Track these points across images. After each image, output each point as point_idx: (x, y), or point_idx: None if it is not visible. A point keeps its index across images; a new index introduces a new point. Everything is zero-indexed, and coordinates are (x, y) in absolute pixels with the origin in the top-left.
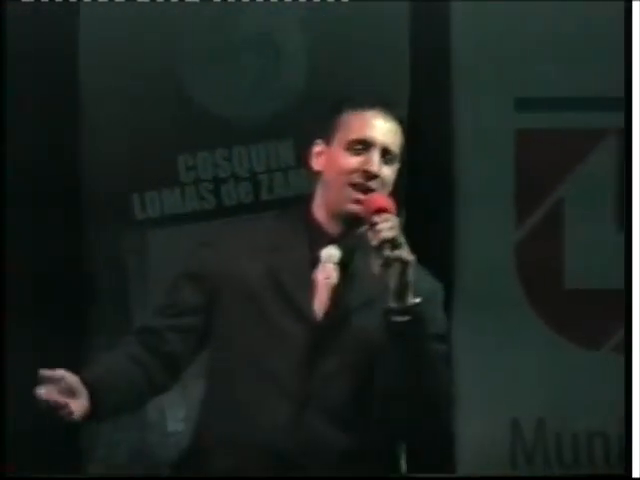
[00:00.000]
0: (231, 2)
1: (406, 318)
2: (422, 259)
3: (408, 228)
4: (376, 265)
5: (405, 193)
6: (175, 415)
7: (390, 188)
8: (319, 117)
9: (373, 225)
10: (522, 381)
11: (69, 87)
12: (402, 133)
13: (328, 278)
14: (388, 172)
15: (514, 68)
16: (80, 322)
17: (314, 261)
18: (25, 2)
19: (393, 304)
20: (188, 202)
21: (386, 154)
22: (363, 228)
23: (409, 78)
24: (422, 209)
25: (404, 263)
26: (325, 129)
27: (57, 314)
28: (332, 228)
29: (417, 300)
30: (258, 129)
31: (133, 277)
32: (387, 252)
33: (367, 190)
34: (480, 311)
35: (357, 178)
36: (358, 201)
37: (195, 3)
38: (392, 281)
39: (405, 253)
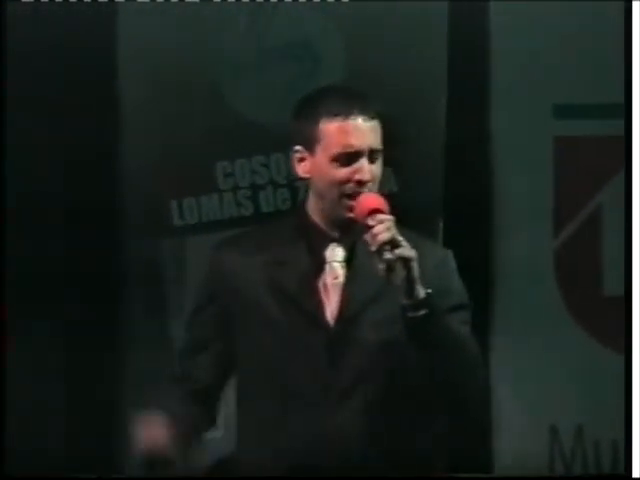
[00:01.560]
0: (267, 7)
1: (422, 312)
2: (461, 269)
3: (446, 237)
4: (380, 269)
5: (443, 202)
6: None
7: (378, 181)
8: (296, 126)
9: (368, 228)
10: (561, 388)
11: (108, 95)
12: (381, 124)
13: (337, 278)
14: (377, 170)
15: (552, 74)
16: (117, 330)
17: (318, 264)
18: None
19: (405, 301)
20: (226, 209)
21: (372, 154)
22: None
23: (447, 80)
24: (460, 218)
25: (407, 260)
26: (303, 136)
27: (93, 321)
28: (331, 230)
29: (429, 291)
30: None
31: (171, 284)
32: (388, 255)
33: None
34: (519, 319)
35: (350, 189)
36: (352, 208)
37: (231, 10)
38: (399, 280)
39: (406, 250)
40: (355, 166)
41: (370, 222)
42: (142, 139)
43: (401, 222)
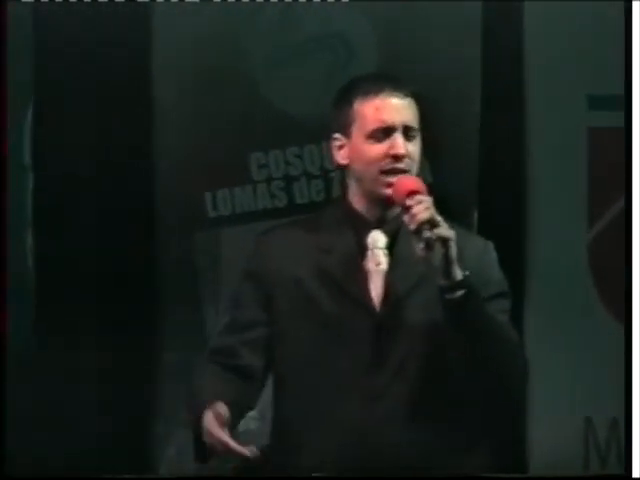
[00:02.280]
0: (299, 3)
1: (459, 293)
2: None
3: (481, 229)
4: (419, 248)
5: (478, 193)
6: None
7: (418, 164)
8: (334, 113)
9: (407, 209)
10: (595, 380)
11: (142, 87)
12: (417, 105)
13: (379, 264)
14: (413, 148)
15: (587, 65)
16: (151, 320)
17: (361, 250)
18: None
19: (443, 282)
20: (260, 200)
21: (408, 132)
22: (399, 209)
23: (481, 75)
24: (494, 210)
25: (445, 240)
26: (339, 122)
27: (127, 314)
28: (371, 215)
29: (466, 273)
30: (329, 127)
31: (205, 276)
32: (427, 234)
33: (399, 172)
34: (553, 311)
35: (387, 164)
36: (392, 185)
37: (265, 3)
38: (437, 260)
39: (444, 230)
40: (389, 141)
41: (409, 202)
42: (176, 132)
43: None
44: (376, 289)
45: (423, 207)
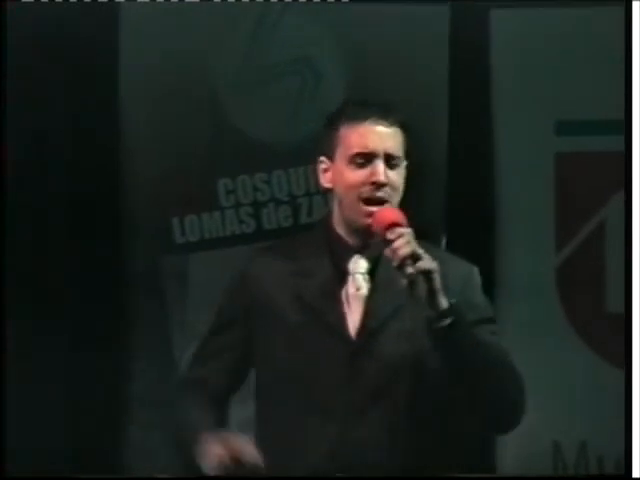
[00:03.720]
0: (267, 27)
1: (447, 322)
2: None
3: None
4: (403, 284)
5: (445, 217)
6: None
7: (401, 192)
8: (321, 136)
9: (388, 243)
10: (563, 404)
11: (109, 112)
12: (403, 134)
13: (360, 289)
14: (395, 177)
15: (554, 90)
16: (119, 346)
17: (341, 276)
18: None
19: (429, 312)
20: (228, 226)
21: (390, 160)
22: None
23: (448, 94)
24: (462, 233)
25: (428, 272)
26: (325, 145)
27: (96, 337)
28: (353, 240)
29: (452, 301)
30: (297, 153)
31: (172, 301)
32: (410, 269)
33: (378, 201)
34: (521, 333)
35: (366, 192)
36: (371, 214)
37: (232, 27)
38: (422, 292)
39: (427, 263)
40: (370, 168)
41: (390, 236)
42: (143, 157)
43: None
44: (353, 315)
45: (404, 241)
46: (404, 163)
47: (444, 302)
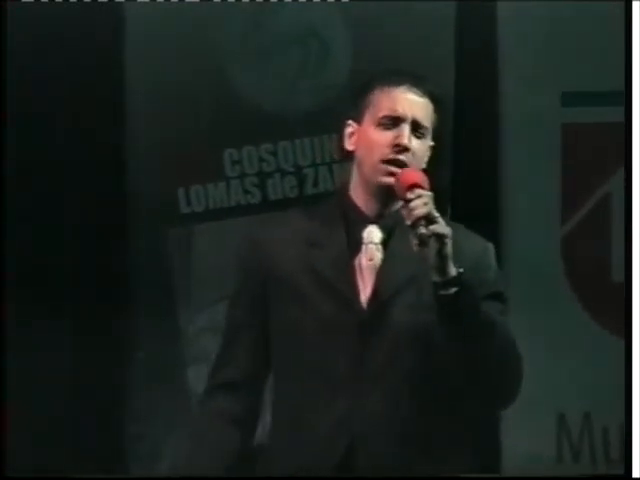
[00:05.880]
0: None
1: (453, 290)
2: None
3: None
4: (413, 243)
5: (451, 188)
6: None
7: (423, 163)
8: (352, 100)
9: (406, 202)
10: (568, 375)
11: (115, 83)
12: (435, 108)
13: (372, 260)
14: (420, 146)
15: (560, 62)
16: (124, 317)
17: (354, 245)
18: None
19: (437, 278)
20: (233, 196)
21: (417, 128)
22: (398, 205)
23: (454, 65)
24: (468, 204)
25: (441, 237)
26: (355, 109)
27: (100, 309)
28: (369, 209)
29: (460, 270)
30: (303, 124)
31: (177, 271)
32: (422, 230)
33: (400, 164)
34: (526, 305)
35: (389, 153)
36: (392, 174)
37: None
38: (432, 256)
39: (440, 227)
40: (397, 131)
41: (409, 196)
42: (149, 128)
43: None
44: (366, 286)
45: (421, 202)
46: (430, 137)
47: (452, 270)
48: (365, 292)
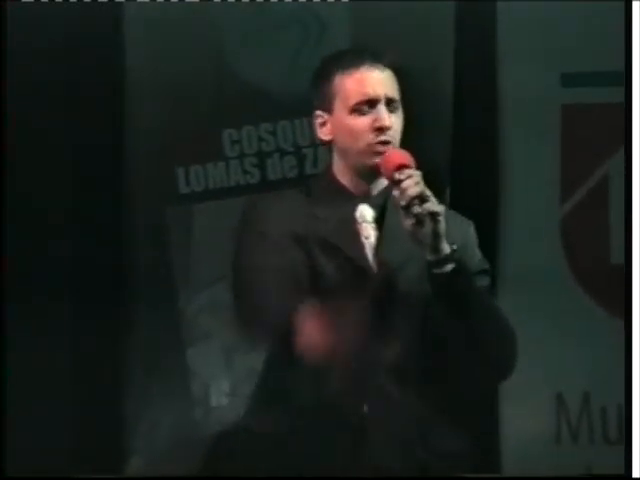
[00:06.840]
0: None
1: (448, 267)
2: None
3: (453, 205)
4: (408, 224)
5: (450, 168)
6: (219, 389)
7: (399, 136)
8: (314, 90)
9: (396, 183)
10: (567, 355)
11: (114, 64)
12: (398, 77)
13: (368, 238)
14: (396, 119)
15: (560, 43)
16: (122, 297)
17: (350, 223)
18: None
19: (431, 256)
20: (232, 176)
21: (390, 103)
22: (385, 183)
23: (453, 46)
24: (467, 185)
25: (435, 215)
26: (320, 98)
27: (99, 290)
28: (357, 189)
29: (454, 247)
30: (303, 103)
31: (177, 251)
32: (417, 209)
33: (384, 144)
34: (524, 286)
35: (373, 137)
36: (379, 154)
37: None
38: (426, 235)
39: (434, 205)
40: (373, 114)
41: (398, 176)
42: (148, 108)
43: None
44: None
45: (413, 182)
46: (401, 107)
47: (447, 247)
48: (372, 263)
